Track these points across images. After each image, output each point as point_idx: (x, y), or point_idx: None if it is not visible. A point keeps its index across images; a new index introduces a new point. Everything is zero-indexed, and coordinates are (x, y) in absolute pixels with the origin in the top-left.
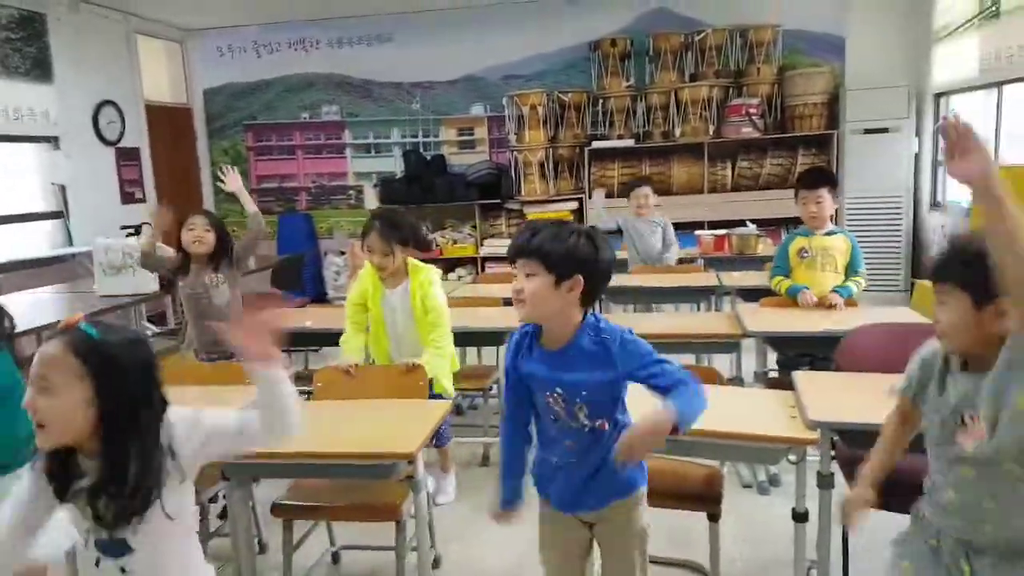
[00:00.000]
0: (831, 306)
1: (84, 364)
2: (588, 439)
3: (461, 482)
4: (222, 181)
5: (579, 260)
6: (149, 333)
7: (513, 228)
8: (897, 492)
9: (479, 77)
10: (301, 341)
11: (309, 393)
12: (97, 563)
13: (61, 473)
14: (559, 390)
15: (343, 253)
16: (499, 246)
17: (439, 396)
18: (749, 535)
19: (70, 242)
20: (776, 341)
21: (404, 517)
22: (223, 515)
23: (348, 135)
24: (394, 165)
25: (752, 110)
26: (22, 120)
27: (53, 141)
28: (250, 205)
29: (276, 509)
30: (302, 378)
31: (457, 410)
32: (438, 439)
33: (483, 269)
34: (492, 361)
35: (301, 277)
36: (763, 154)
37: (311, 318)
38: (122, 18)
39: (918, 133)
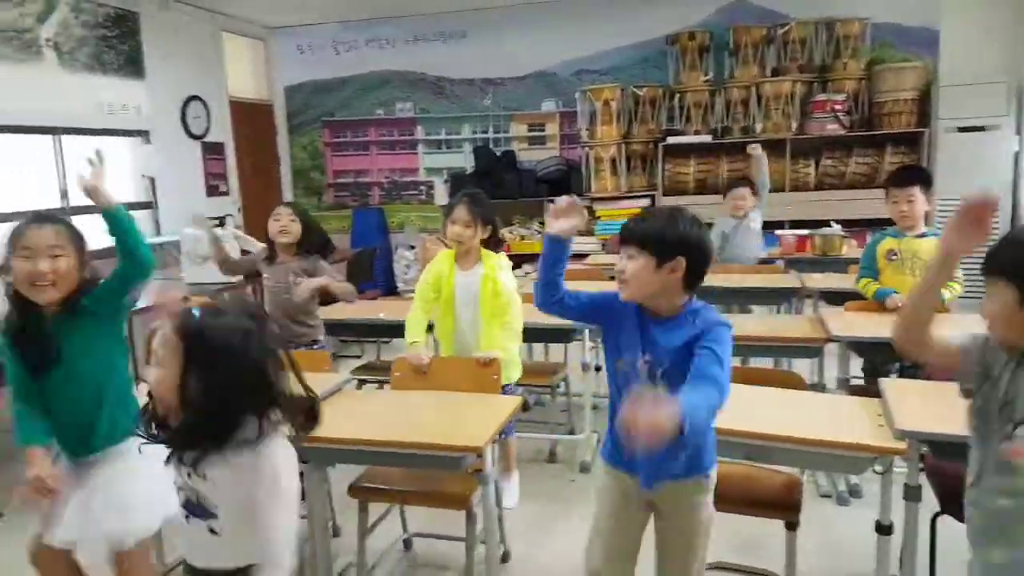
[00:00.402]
0: None
1: (183, 344)
2: None
3: (526, 479)
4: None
5: (679, 242)
6: None
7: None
8: None
9: (551, 72)
10: (373, 332)
11: (380, 382)
12: (188, 519)
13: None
14: (648, 356)
15: (413, 247)
16: None
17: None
18: (827, 546)
19: (158, 232)
20: (862, 347)
21: (474, 508)
22: (301, 497)
23: (420, 131)
24: (464, 161)
25: (838, 106)
26: (116, 115)
27: (144, 135)
28: (338, 287)
29: (353, 490)
30: (374, 368)
31: (523, 406)
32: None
33: None
34: (559, 358)
35: (373, 270)
36: (848, 152)
37: (383, 310)
38: (209, 16)
39: (1019, 132)
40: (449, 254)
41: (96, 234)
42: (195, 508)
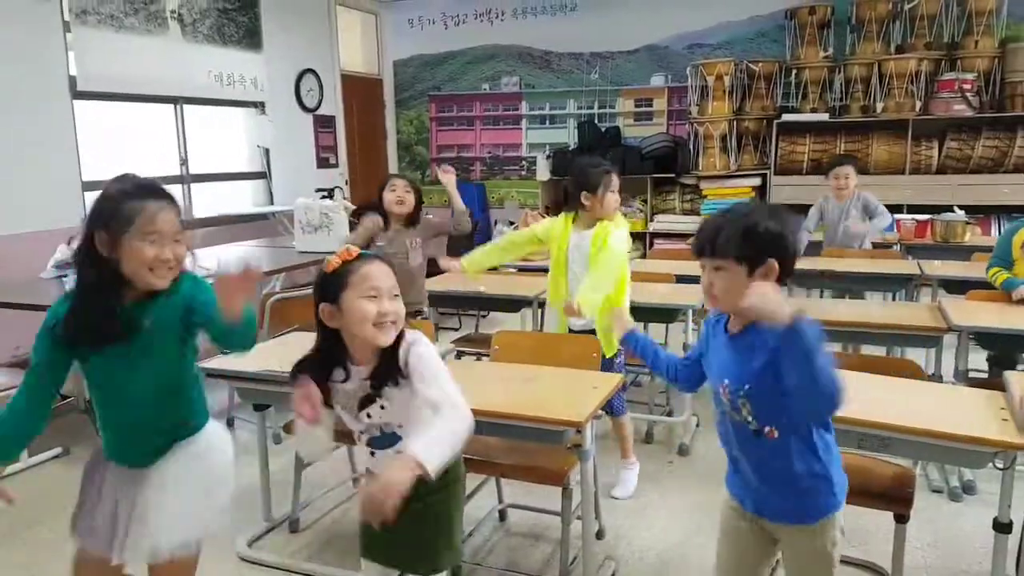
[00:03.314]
0: None
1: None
2: (755, 444)
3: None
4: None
5: (769, 244)
6: None
7: (687, 204)
8: None
9: (662, 46)
10: (472, 305)
11: (478, 355)
12: (372, 454)
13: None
14: (727, 380)
15: (512, 223)
16: (670, 222)
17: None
18: (936, 542)
19: (271, 201)
20: (989, 338)
21: (571, 484)
22: None
23: (525, 106)
24: (568, 137)
25: (966, 86)
26: (234, 86)
27: (260, 106)
28: (459, 203)
29: None
30: (473, 341)
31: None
32: (613, 408)
33: (651, 245)
34: (660, 338)
35: (473, 244)
36: (976, 134)
37: (483, 284)
38: None
39: None
40: (567, 217)
41: (210, 201)
42: (382, 440)
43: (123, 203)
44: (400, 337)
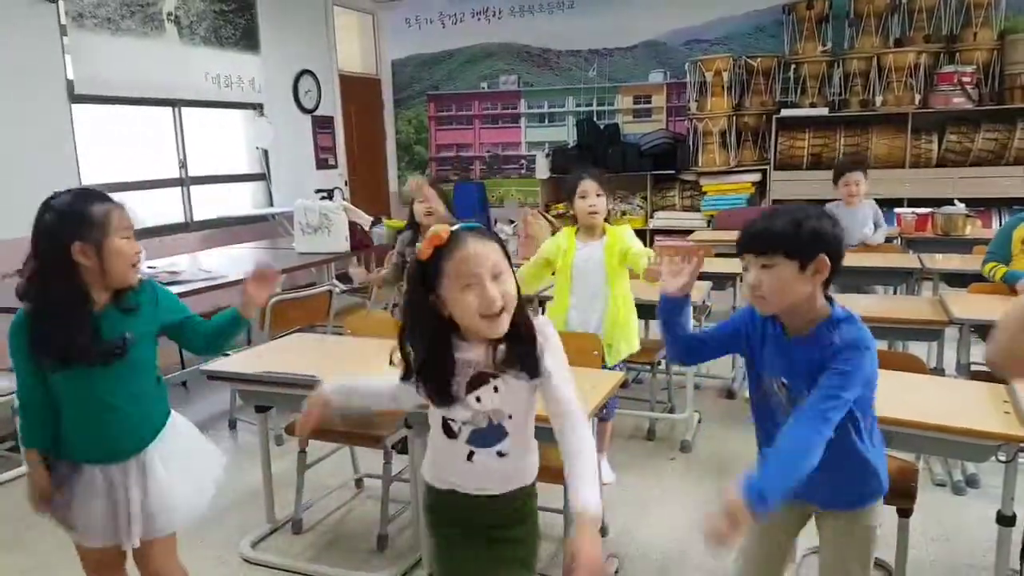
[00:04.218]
0: None
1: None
2: None
3: (625, 455)
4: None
5: (820, 239)
6: (337, 290)
7: (686, 200)
8: None
9: (660, 43)
10: None
11: None
12: (470, 457)
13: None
14: (784, 379)
15: (512, 222)
16: (670, 218)
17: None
18: (940, 536)
19: (271, 203)
20: (987, 331)
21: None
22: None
23: (523, 104)
24: (567, 134)
25: (966, 78)
26: (232, 88)
27: (258, 108)
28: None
29: None
30: None
31: (622, 383)
32: (604, 412)
33: (652, 242)
34: (659, 335)
35: None
36: (975, 127)
37: None
38: None
39: None
40: (570, 230)
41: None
42: (486, 436)
43: (87, 210)
44: (527, 321)
